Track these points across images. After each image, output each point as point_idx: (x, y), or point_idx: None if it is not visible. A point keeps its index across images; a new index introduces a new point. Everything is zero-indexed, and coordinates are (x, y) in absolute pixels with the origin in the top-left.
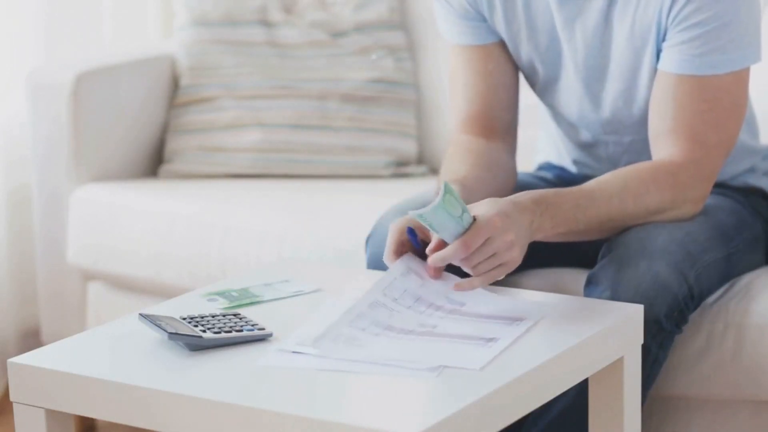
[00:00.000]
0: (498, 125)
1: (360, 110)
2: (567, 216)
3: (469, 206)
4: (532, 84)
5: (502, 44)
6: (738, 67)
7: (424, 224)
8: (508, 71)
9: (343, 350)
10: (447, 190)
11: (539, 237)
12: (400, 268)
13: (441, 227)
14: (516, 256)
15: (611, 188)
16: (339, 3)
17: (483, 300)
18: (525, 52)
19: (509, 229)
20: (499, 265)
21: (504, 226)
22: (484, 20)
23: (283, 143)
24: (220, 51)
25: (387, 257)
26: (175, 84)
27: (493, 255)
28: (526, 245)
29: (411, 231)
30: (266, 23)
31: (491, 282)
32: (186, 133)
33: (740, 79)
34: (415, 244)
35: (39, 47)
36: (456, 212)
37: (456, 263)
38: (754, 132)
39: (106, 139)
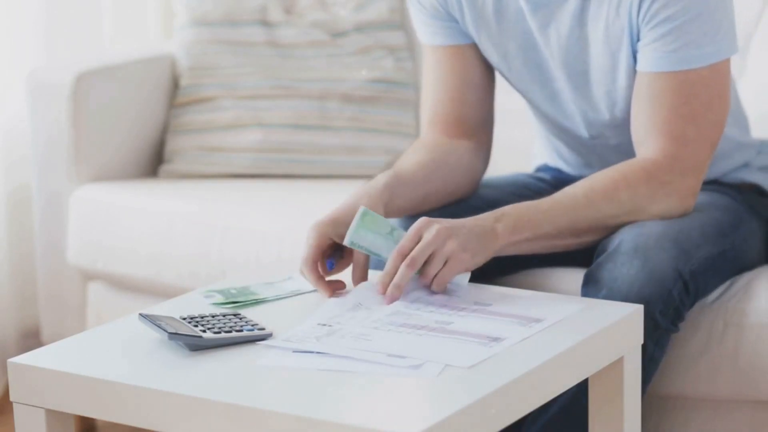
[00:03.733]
0: (465, 125)
1: (360, 110)
2: (530, 220)
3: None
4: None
5: (475, 45)
6: (714, 59)
7: (361, 251)
8: (479, 72)
9: (344, 343)
10: (362, 213)
11: (504, 243)
12: (351, 301)
13: (375, 247)
14: (455, 248)
15: (577, 190)
16: (339, 3)
17: (510, 300)
18: (493, 58)
19: (437, 223)
20: (445, 262)
21: (431, 222)
22: (456, 21)
23: (283, 143)
24: (220, 51)
25: (307, 265)
26: (175, 84)
27: (432, 253)
28: (477, 248)
29: (331, 263)
30: (266, 23)
31: (446, 281)
32: (186, 133)
33: (718, 71)
34: (329, 267)
35: (39, 47)
36: (383, 230)
37: (402, 277)
38: (743, 127)
39: (106, 139)
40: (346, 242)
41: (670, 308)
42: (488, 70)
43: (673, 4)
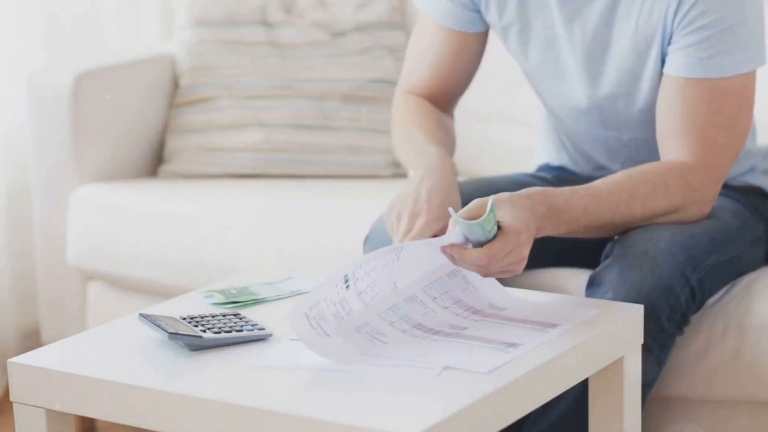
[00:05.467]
0: (445, 100)
1: (360, 110)
2: (571, 220)
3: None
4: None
5: (480, 36)
6: (744, 69)
7: (457, 227)
8: (473, 60)
9: (362, 342)
10: (492, 209)
11: (538, 237)
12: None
13: (470, 235)
14: (522, 268)
15: (620, 194)
16: (339, 3)
17: (524, 305)
18: (512, 47)
19: (528, 243)
20: (504, 271)
21: (526, 240)
22: (477, 11)
23: (283, 143)
24: (220, 51)
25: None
26: (175, 84)
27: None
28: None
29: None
30: (266, 23)
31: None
32: (186, 133)
33: (747, 81)
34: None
35: (39, 47)
36: (488, 226)
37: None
38: (752, 134)
39: (106, 139)
40: (460, 221)
41: (676, 313)
42: (480, 57)
43: (712, 12)
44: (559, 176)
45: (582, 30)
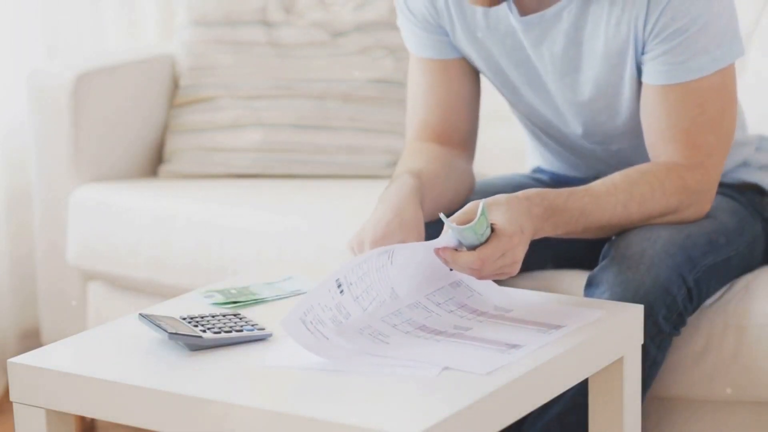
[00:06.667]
0: (454, 136)
1: (360, 110)
2: (569, 221)
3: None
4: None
5: (464, 60)
6: (723, 64)
7: (450, 230)
8: (467, 85)
9: (364, 342)
10: (483, 212)
11: (536, 237)
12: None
13: (463, 239)
14: (516, 271)
15: (618, 195)
16: (339, 3)
17: (529, 306)
18: (485, 72)
19: (521, 246)
20: (498, 273)
21: (519, 243)
22: (446, 35)
23: (283, 143)
24: (220, 51)
25: None
26: (175, 84)
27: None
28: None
29: None
30: (266, 23)
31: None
32: (186, 133)
33: (727, 75)
34: None
35: (39, 47)
36: (480, 230)
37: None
38: (741, 124)
39: (106, 139)
40: (449, 224)
41: (673, 314)
42: (476, 82)
43: (681, 16)
44: (554, 178)
45: (550, 51)
